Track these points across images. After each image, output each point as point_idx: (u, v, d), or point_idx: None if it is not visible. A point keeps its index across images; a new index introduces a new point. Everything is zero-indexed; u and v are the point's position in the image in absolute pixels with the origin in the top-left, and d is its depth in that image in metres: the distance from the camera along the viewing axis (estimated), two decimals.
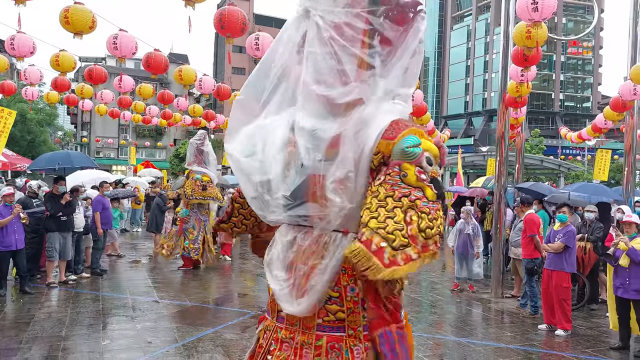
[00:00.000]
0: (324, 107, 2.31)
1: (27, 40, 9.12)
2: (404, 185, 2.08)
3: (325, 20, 2.27)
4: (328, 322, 2.35)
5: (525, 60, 7.93)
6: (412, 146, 2.12)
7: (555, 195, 10.95)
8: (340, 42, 2.25)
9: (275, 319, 2.51)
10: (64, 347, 5.95)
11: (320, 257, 2.30)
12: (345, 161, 2.21)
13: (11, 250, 8.21)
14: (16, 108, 25.26)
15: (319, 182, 2.27)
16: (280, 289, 2.36)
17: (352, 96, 2.27)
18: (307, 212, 2.33)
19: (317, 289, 2.26)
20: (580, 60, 68.82)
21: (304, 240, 2.37)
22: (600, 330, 7.39)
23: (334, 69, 2.27)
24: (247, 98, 2.55)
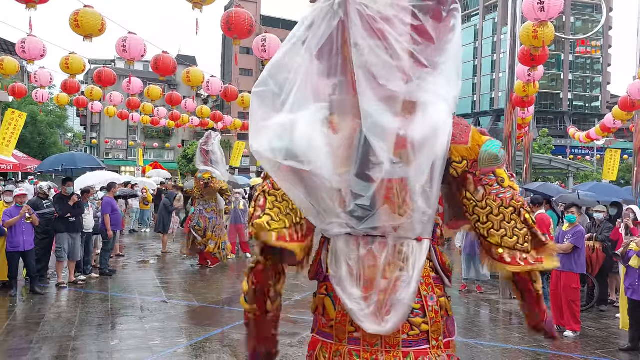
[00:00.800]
0: (382, 104, 2.14)
1: (37, 44, 9.23)
2: (505, 190, 2.24)
3: (371, 9, 2.10)
4: (413, 336, 2.22)
5: (532, 59, 7.92)
6: (501, 150, 2.23)
7: (564, 196, 10.90)
8: (393, 35, 2.10)
9: (346, 341, 2.28)
10: (74, 347, 6.01)
11: (399, 269, 2.17)
12: (423, 167, 2.13)
13: (19, 251, 8.30)
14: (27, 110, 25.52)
15: (395, 187, 2.12)
16: (361, 309, 2.16)
17: (415, 95, 2.17)
18: (380, 222, 2.16)
19: (405, 303, 2.14)
20: (588, 59, 68.39)
21: (381, 252, 2.19)
22: (609, 332, 7.35)
23: (388, 63, 2.12)
24: (266, 90, 2.27)
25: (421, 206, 2.15)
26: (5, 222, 8.09)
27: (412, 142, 2.11)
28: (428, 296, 2.26)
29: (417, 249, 2.20)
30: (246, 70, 61.08)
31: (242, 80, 55.64)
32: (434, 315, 2.25)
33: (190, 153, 44.59)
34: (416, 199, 2.14)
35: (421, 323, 2.23)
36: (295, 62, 2.26)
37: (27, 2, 6.52)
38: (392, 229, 2.17)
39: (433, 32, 2.17)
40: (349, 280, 2.20)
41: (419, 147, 2.11)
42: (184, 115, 19.99)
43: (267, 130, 2.21)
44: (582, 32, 59.71)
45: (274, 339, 2.57)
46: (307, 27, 2.24)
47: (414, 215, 2.16)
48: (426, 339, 2.24)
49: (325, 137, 2.18)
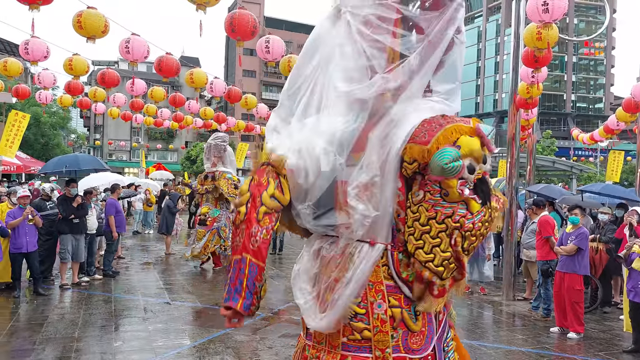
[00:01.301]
0: (348, 107, 2.15)
1: (40, 45, 9.25)
2: (446, 204, 1.98)
3: (356, 16, 2.15)
4: (353, 340, 2.15)
5: (535, 61, 7.90)
6: (451, 161, 1.95)
7: (567, 197, 10.87)
8: (369, 37, 2.11)
9: (305, 336, 2.35)
10: (77, 348, 6.01)
11: (346, 269, 2.13)
12: (370, 165, 2.06)
13: (23, 252, 8.31)
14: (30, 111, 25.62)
15: (343, 189, 2.13)
16: (305, 303, 2.22)
17: (375, 88, 2.10)
18: (332, 221, 2.17)
19: (340, 304, 2.10)
20: (592, 61, 68.25)
21: (330, 250, 2.21)
22: (613, 333, 7.32)
23: (363, 65, 2.13)
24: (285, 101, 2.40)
25: (361, 208, 2.07)
26: (8, 224, 8.11)
27: (370, 143, 2.08)
28: (375, 303, 2.12)
29: (367, 252, 2.11)
30: (249, 72, 61.17)
31: (245, 82, 55.75)
32: (378, 324, 2.11)
33: (193, 154, 44.72)
34: (351, 201, 2.08)
35: (363, 329, 2.12)
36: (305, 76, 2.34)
37: (30, 3, 6.53)
38: (345, 229, 2.16)
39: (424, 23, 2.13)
40: (303, 275, 2.28)
41: (374, 144, 2.07)
42: (188, 117, 20.02)
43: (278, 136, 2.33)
44: (586, 34, 59.60)
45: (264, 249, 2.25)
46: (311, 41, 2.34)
47: (354, 217, 2.10)
48: (368, 347, 2.12)
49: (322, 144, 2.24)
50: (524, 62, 8.38)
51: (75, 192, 9.17)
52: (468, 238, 1.99)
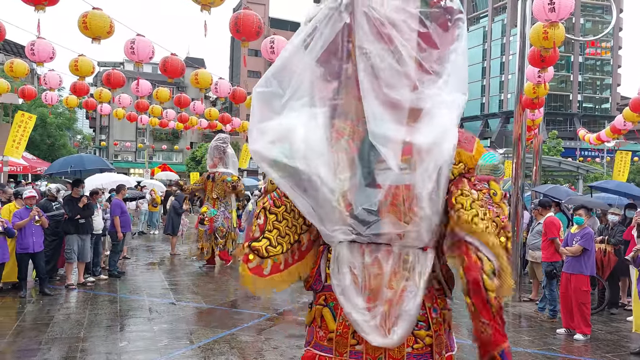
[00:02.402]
0: (388, 110, 2.10)
1: (46, 46, 9.29)
2: (495, 204, 2.06)
3: (378, 13, 2.07)
4: (418, 349, 2.12)
5: (542, 61, 7.86)
6: (499, 163, 2.10)
7: (573, 198, 10.81)
8: (400, 40, 2.06)
9: (347, 355, 2.16)
10: (82, 348, 6.02)
11: (405, 279, 2.08)
12: (430, 173, 2.05)
13: (29, 253, 8.35)
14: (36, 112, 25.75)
15: (401, 194, 2.05)
16: (365, 320, 2.05)
17: (421, 102, 2.10)
18: (384, 229, 2.08)
19: (412, 315, 2.05)
20: (598, 60, 67.94)
21: (386, 260, 2.10)
22: (620, 335, 7.27)
23: (394, 68, 2.07)
24: (268, 91, 2.24)
25: (428, 214, 2.06)
26: (15, 224, 8.13)
27: (419, 149, 2.05)
28: (432, 308, 2.17)
29: (423, 259, 2.12)
30: (254, 72, 61.24)
31: (250, 82, 55.80)
32: (437, 328, 2.17)
33: (198, 155, 44.82)
34: (423, 206, 2.05)
35: (425, 336, 2.14)
36: (298, 65, 2.22)
37: (36, 4, 6.55)
38: (397, 236, 2.09)
39: (438, 40, 2.13)
40: (354, 289, 2.10)
41: (426, 154, 2.05)
42: (193, 117, 20.06)
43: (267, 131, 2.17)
44: (592, 34, 59.32)
45: None
46: (309, 30, 2.21)
47: (421, 223, 2.07)
48: (430, 353, 2.15)
49: (326, 141, 2.13)
50: (530, 61, 8.34)
51: (81, 193, 9.20)
52: (509, 240, 2.05)
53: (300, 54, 2.21)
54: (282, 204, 2.27)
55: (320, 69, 2.20)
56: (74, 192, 9.21)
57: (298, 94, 2.19)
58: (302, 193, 2.12)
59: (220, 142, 11.75)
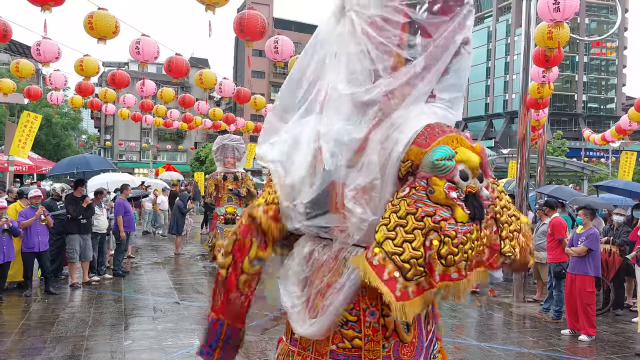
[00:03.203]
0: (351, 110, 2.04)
1: (52, 46, 9.33)
2: (430, 202, 1.81)
3: (361, 16, 2.02)
4: (343, 349, 2.04)
5: (546, 61, 7.85)
6: (443, 159, 1.82)
7: (577, 198, 10.78)
8: (376, 39, 1.99)
9: (289, 341, 2.22)
10: (87, 347, 6.05)
11: (339, 274, 2.01)
12: (370, 167, 1.93)
13: (34, 252, 8.39)
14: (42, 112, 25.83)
15: (340, 190, 2.00)
16: (293, 307, 2.10)
17: (377, 91, 1.99)
18: (327, 223, 2.06)
19: (332, 310, 1.98)
20: (603, 60, 67.71)
21: (322, 254, 2.10)
22: (625, 336, 7.25)
23: (367, 68, 2.01)
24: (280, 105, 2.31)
25: (358, 211, 1.93)
26: (21, 224, 8.18)
27: (370, 144, 1.96)
28: (368, 310, 2.02)
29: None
30: (258, 73, 61.29)
31: (254, 82, 55.87)
32: (370, 333, 2.01)
33: (202, 155, 44.91)
34: (348, 204, 1.96)
35: (354, 337, 2.03)
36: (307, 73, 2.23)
37: (42, 5, 6.59)
38: (339, 232, 2.04)
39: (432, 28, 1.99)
40: (292, 277, 2.15)
41: (374, 146, 1.95)
42: (197, 118, 20.11)
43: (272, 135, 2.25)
44: (597, 34, 59.11)
45: (243, 313, 2.35)
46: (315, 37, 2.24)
47: (351, 221, 1.97)
48: (358, 356, 2.03)
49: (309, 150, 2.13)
50: (534, 61, 8.33)
51: (84, 193, 9.25)
52: (448, 245, 1.76)
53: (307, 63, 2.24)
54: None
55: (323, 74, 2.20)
56: (76, 192, 9.25)
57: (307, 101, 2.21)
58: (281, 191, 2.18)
59: (237, 142, 11.74)
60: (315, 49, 2.24)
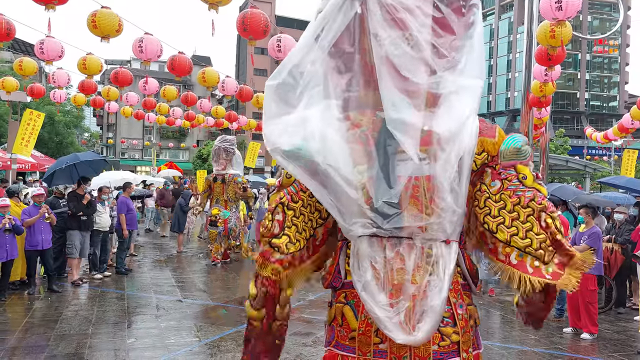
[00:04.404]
0: (406, 97, 2.01)
1: (55, 44, 9.36)
2: (526, 188, 2.00)
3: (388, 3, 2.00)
4: (444, 347, 2.02)
5: (549, 59, 7.84)
6: (525, 144, 2.03)
7: (580, 197, 10.77)
8: (415, 25, 1.99)
9: (371, 354, 2.07)
10: (91, 344, 6.08)
11: (428, 274, 1.99)
12: (451, 162, 1.96)
13: (38, 250, 8.42)
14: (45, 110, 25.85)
15: (422, 185, 1.97)
16: (389, 317, 1.96)
17: (439, 88, 2.03)
18: (407, 222, 1.99)
19: (437, 310, 1.95)
20: (606, 58, 67.52)
21: (409, 254, 2.01)
22: (627, 334, 7.25)
23: (410, 55, 2.00)
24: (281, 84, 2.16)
25: (451, 205, 1.97)
26: (24, 222, 8.20)
27: (439, 138, 1.97)
28: (457, 304, 2.08)
29: (447, 252, 2.01)
30: (261, 71, 61.27)
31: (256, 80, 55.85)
32: (464, 324, 2.07)
33: (205, 153, 44.93)
34: (445, 197, 1.96)
35: (452, 333, 2.04)
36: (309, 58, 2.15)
37: (47, 3, 6.61)
38: (419, 229, 1.99)
39: (454, 25, 2.07)
40: (375, 285, 2.00)
41: (446, 143, 1.96)
42: (199, 116, 20.14)
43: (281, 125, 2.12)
44: (600, 31, 58.92)
45: (280, 346, 2.36)
46: (320, 22, 2.14)
47: (443, 215, 1.97)
48: (457, 351, 2.04)
49: (341, 133, 2.05)
50: (537, 60, 8.32)
51: (87, 190, 9.28)
52: (556, 219, 1.99)
53: (312, 47, 2.15)
54: (299, 199, 2.24)
55: (333, 61, 2.13)
56: (79, 189, 9.28)
57: (311, 86, 2.13)
58: (320, 185, 2.06)
59: (228, 144, 11.81)
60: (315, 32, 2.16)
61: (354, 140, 2.05)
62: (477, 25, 2.13)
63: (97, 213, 9.72)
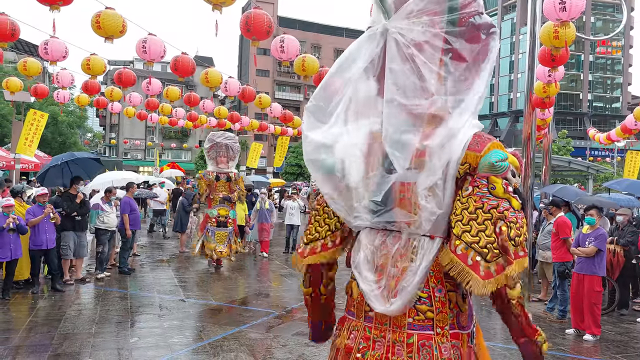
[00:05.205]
0: (407, 119, 2.44)
1: (59, 45, 9.38)
2: (492, 197, 2.31)
3: (406, 38, 2.40)
4: (418, 321, 2.47)
5: (552, 60, 7.83)
6: (500, 160, 2.32)
7: (582, 198, 10.76)
8: (420, 59, 2.38)
9: (363, 319, 2.61)
10: (94, 344, 6.10)
11: (410, 260, 2.44)
12: (435, 170, 2.34)
13: (42, 249, 8.45)
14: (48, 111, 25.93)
15: (407, 189, 2.41)
16: (371, 290, 2.49)
17: (434, 108, 2.41)
18: (395, 218, 2.46)
19: (409, 290, 2.41)
20: (609, 59, 67.40)
21: (393, 244, 2.50)
22: (630, 336, 7.25)
23: (416, 84, 2.40)
24: (316, 105, 2.63)
25: (428, 206, 2.36)
26: (29, 222, 8.24)
27: (430, 150, 2.35)
28: (436, 288, 2.47)
29: (429, 245, 2.43)
30: (263, 71, 61.34)
31: (259, 81, 55.91)
32: (439, 305, 2.46)
33: None
34: (422, 201, 2.37)
35: (427, 310, 2.46)
36: (341, 82, 2.57)
37: (51, 4, 6.63)
38: (406, 225, 2.44)
39: (467, 54, 2.41)
40: (365, 265, 2.54)
41: (435, 152, 2.34)
42: (202, 116, 20.16)
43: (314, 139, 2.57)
44: (603, 32, 58.84)
45: (331, 312, 3.03)
46: (351, 53, 2.57)
47: (422, 215, 2.38)
48: (431, 326, 2.46)
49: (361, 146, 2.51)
50: (540, 61, 8.31)
51: (79, 190, 9.32)
52: (513, 228, 2.26)
53: (344, 73, 2.58)
54: (322, 202, 2.79)
55: (361, 85, 2.55)
56: (72, 189, 9.32)
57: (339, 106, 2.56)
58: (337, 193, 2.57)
59: (231, 141, 11.49)
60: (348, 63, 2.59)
61: (370, 153, 2.51)
62: (493, 52, 2.47)
63: (105, 213, 9.77)
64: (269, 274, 11.11)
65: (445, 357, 2.45)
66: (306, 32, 61.22)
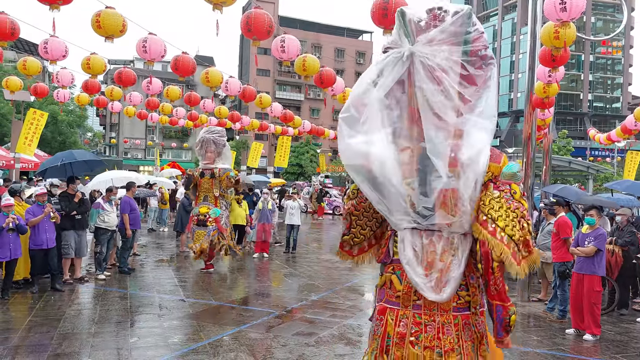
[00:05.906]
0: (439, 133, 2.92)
1: (59, 44, 9.36)
2: (514, 200, 2.93)
3: (431, 62, 2.88)
4: (460, 304, 3.07)
5: (553, 60, 7.82)
6: (519, 171, 3.00)
7: (583, 198, 10.75)
8: (448, 81, 2.88)
9: (411, 307, 3.10)
10: (93, 343, 6.09)
11: (452, 255, 3.00)
12: (470, 182, 2.90)
13: (42, 249, 8.44)
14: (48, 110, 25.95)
15: (449, 195, 2.91)
16: (424, 283, 2.98)
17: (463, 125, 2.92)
18: (438, 220, 2.96)
19: (457, 279, 2.99)
20: (609, 60, 67.38)
21: (438, 242, 3.01)
22: (630, 336, 7.24)
23: (443, 102, 2.89)
24: (350, 116, 3.09)
25: (468, 209, 2.92)
26: (29, 221, 8.23)
27: (461, 162, 2.88)
28: (470, 276, 3.08)
29: (465, 241, 3.01)
30: (263, 71, 61.31)
31: (259, 80, 55.91)
32: (474, 290, 3.09)
33: None
34: (465, 204, 2.90)
35: (465, 295, 3.08)
36: (368, 98, 3.03)
37: (51, 3, 6.62)
38: (446, 225, 2.97)
39: (476, 80, 2.94)
40: (415, 261, 3.03)
41: (466, 166, 2.88)
42: (202, 116, 20.14)
43: (351, 147, 3.05)
44: (603, 33, 58.81)
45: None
46: (378, 73, 3.03)
47: (463, 216, 2.92)
48: (468, 307, 3.09)
49: (394, 155, 2.98)
50: (541, 61, 8.29)
51: (76, 189, 9.31)
52: (530, 226, 2.92)
53: (371, 89, 3.04)
54: (360, 208, 3.45)
55: (387, 100, 3.01)
56: (69, 189, 9.31)
57: (371, 118, 3.03)
58: (377, 193, 3.04)
59: (217, 135, 11.09)
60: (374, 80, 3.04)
61: (403, 161, 2.99)
62: (493, 78, 3.00)
63: (105, 212, 9.75)
64: (269, 274, 11.10)
65: (480, 330, 3.10)
66: (307, 31, 61.19)
